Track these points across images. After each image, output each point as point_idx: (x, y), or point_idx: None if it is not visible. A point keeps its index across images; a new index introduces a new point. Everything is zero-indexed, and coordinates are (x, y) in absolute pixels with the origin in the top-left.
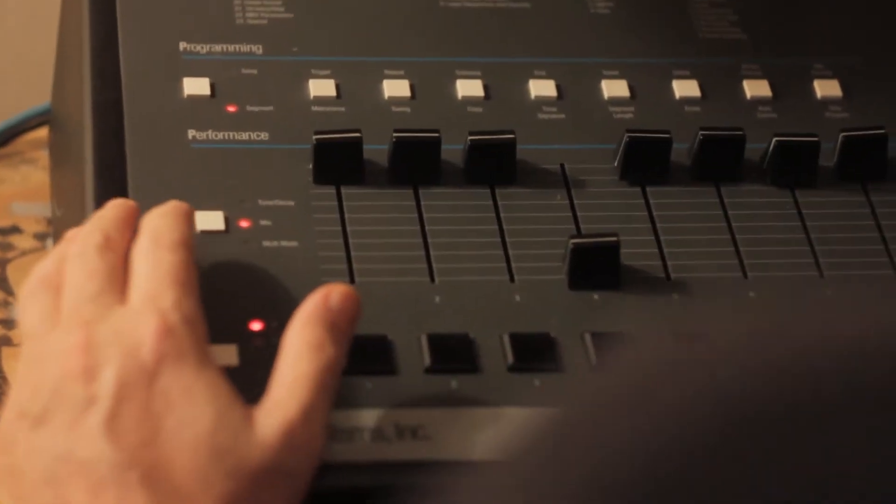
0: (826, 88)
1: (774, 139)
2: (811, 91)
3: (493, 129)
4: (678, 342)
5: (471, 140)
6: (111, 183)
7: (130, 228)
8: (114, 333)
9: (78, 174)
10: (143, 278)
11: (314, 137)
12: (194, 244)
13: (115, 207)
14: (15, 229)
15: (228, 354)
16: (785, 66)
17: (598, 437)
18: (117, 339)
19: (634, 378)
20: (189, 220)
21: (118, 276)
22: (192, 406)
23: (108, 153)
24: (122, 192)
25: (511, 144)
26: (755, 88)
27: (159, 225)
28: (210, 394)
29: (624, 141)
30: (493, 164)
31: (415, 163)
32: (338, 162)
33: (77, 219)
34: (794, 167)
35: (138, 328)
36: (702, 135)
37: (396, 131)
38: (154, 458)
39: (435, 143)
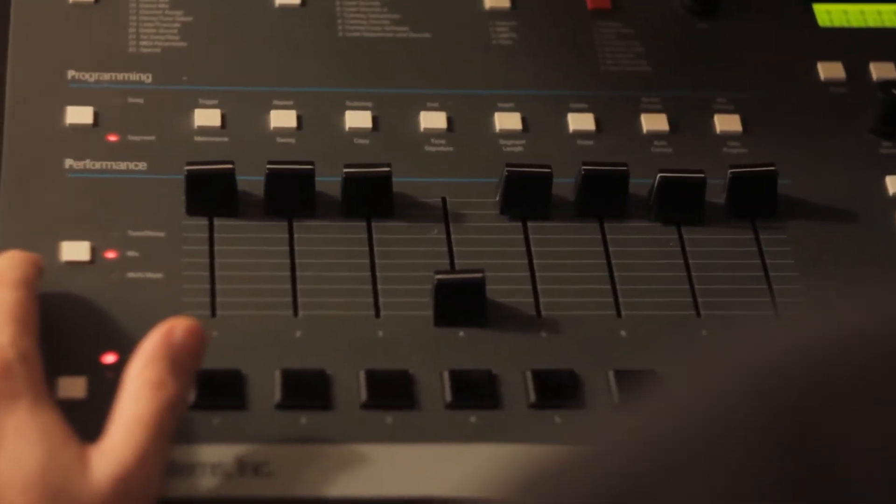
0: (726, 123)
1: (659, 175)
2: (711, 125)
3: (377, 160)
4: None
5: (346, 173)
6: None
7: None
8: None
9: None
10: None
11: (185, 168)
12: (38, 285)
13: None
14: None
15: (77, 387)
16: (687, 100)
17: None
18: None
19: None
20: (33, 263)
21: None
22: (23, 446)
23: None
24: None
25: (387, 178)
26: (652, 122)
27: (1, 264)
28: (43, 434)
29: (504, 175)
30: (369, 197)
31: (289, 195)
32: (210, 193)
33: None
34: (679, 204)
35: None
36: (583, 170)
37: (270, 163)
38: None
39: (309, 176)
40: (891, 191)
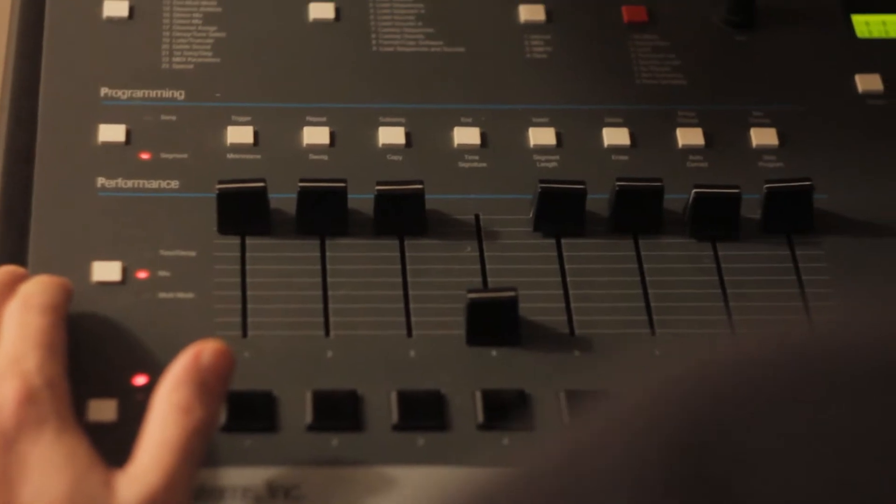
0: (762, 137)
1: (693, 191)
2: (747, 139)
3: (410, 177)
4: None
5: (378, 190)
6: (11, 230)
7: (12, 294)
8: None
9: None
10: (9, 341)
11: (217, 186)
12: (67, 309)
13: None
14: None
15: (107, 410)
16: (723, 113)
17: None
18: None
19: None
20: (63, 287)
21: None
22: (49, 472)
23: (13, 201)
24: (22, 240)
25: (419, 195)
26: (687, 137)
27: (30, 289)
28: (68, 460)
29: (537, 192)
30: (402, 214)
31: (321, 213)
32: (242, 212)
33: None
34: (714, 219)
35: (0, 391)
36: (618, 186)
37: (302, 181)
38: None
39: (341, 193)
40: None
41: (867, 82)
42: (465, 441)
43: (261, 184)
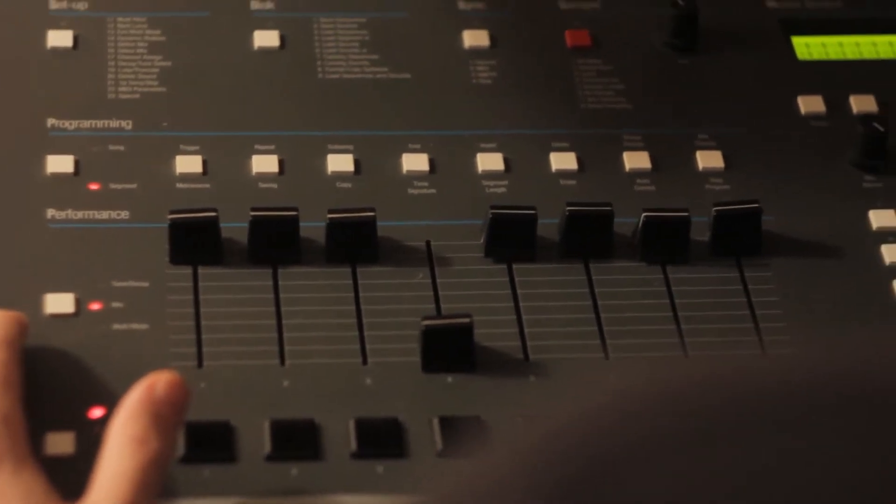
0: (708, 160)
1: (643, 215)
2: (693, 162)
3: (361, 205)
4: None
5: (330, 218)
6: None
7: None
8: None
9: None
10: None
11: (169, 217)
12: (22, 344)
13: None
14: None
15: (65, 443)
16: (668, 137)
17: None
18: None
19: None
20: (17, 322)
21: None
22: None
23: None
24: None
25: (371, 222)
26: (634, 160)
27: None
28: (24, 496)
29: (488, 217)
30: (354, 242)
31: (273, 241)
32: (194, 241)
33: None
34: (663, 243)
35: None
36: (568, 210)
37: (254, 210)
38: None
39: (293, 222)
40: (875, 225)
41: (810, 104)
42: (424, 469)
43: (212, 213)
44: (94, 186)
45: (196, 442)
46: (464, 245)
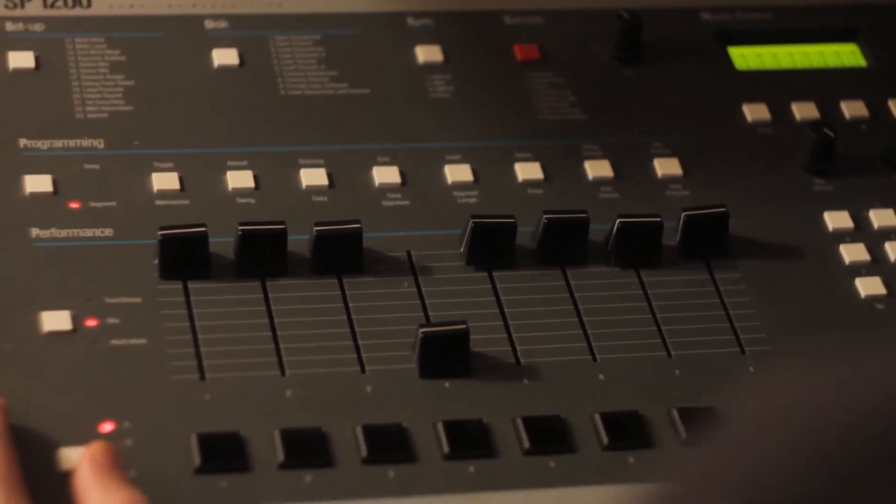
0: (666, 167)
1: (618, 220)
2: (652, 169)
3: (339, 217)
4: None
5: (317, 231)
6: None
7: None
8: None
9: None
10: None
11: (159, 233)
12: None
13: None
14: None
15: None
16: (625, 145)
17: None
18: None
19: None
20: None
21: None
22: None
23: None
24: None
25: (357, 234)
26: (596, 169)
27: None
28: None
29: (469, 227)
30: (340, 254)
31: (261, 255)
32: (184, 257)
33: None
34: (637, 248)
35: None
36: (546, 219)
37: (242, 224)
38: None
39: (281, 235)
40: (831, 227)
41: (755, 112)
42: (434, 471)
43: (202, 229)
44: (74, 205)
45: (209, 453)
46: (443, 254)
